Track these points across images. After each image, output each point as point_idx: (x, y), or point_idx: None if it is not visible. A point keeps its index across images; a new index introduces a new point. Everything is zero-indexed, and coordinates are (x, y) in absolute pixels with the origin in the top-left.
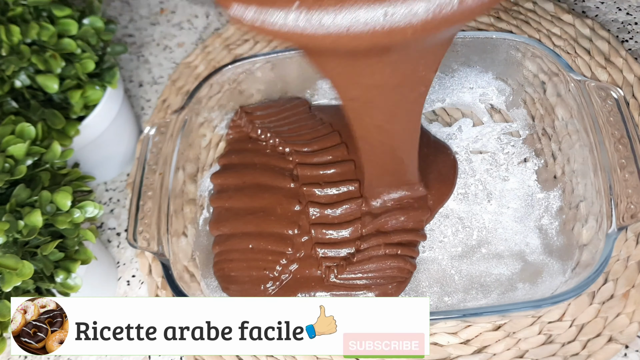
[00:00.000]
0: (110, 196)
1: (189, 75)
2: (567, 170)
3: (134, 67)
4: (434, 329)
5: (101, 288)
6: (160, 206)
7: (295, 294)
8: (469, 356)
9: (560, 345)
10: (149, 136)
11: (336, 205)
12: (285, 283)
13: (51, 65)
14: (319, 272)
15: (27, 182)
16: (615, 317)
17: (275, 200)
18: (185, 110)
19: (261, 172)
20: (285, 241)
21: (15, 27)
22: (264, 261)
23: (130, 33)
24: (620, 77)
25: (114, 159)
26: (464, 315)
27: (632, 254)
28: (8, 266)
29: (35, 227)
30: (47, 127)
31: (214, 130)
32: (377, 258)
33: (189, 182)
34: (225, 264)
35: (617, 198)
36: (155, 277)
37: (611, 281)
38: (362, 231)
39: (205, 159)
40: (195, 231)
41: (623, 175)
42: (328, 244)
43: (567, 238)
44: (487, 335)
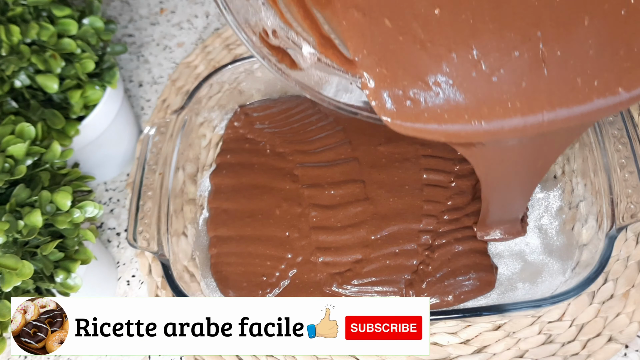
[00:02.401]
0: (110, 196)
1: (189, 75)
2: (567, 170)
3: (134, 67)
4: (434, 328)
5: (101, 288)
6: (160, 206)
7: None
8: (469, 356)
9: (560, 345)
10: (148, 136)
11: (339, 207)
12: (283, 289)
13: (51, 65)
14: (319, 278)
15: (27, 182)
16: (615, 317)
17: (274, 202)
18: (185, 110)
19: (260, 173)
20: (284, 245)
21: (15, 27)
22: (262, 266)
23: (130, 33)
24: None
25: (114, 159)
26: (464, 315)
27: (632, 254)
28: (8, 266)
29: (35, 227)
30: (47, 127)
31: (213, 130)
32: (386, 269)
33: (189, 182)
34: (223, 267)
35: (617, 198)
36: (155, 277)
37: (611, 281)
38: (371, 237)
39: (205, 159)
40: (195, 231)
41: (623, 175)
42: (329, 249)
43: (567, 238)
44: (487, 335)
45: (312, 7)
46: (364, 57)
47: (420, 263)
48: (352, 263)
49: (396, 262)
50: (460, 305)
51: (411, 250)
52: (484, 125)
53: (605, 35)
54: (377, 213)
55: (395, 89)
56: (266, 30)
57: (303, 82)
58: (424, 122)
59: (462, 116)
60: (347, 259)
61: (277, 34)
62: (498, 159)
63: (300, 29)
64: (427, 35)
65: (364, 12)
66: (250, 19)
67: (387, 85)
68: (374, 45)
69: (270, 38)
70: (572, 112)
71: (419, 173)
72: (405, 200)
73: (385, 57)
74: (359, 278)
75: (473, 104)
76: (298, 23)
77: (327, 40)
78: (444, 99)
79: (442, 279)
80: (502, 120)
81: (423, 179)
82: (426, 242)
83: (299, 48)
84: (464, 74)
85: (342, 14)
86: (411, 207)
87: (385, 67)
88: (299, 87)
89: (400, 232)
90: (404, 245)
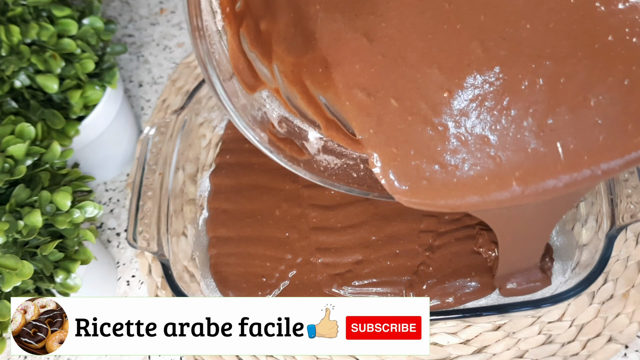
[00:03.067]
0: (110, 196)
1: (189, 75)
2: None
3: (134, 67)
4: (434, 329)
5: (101, 288)
6: (160, 206)
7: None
8: (469, 356)
9: (560, 345)
10: (148, 136)
11: (339, 207)
12: (283, 290)
13: (51, 65)
14: (319, 279)
15: (27, 182)
16: (615, 317)
17: (274, 202)
18: (185, 110)
19: (259, 173)
20: (283, 246)
21: (15, 27)
22: (261, 267)
23: (130, 33)
24: None
25: (113, 159)
26: (464, 315)
27: (631, 254)
28: (8, 266)
29: (35, 227)
30: (47, 127)
31: (213, 130)
32: (388, 269)
33: (189, 183)
34: (222, 267)
35: (617, 198)
36: (155, 277)
37: (611, 281)
38: (372, 237)
39: (205, 159)
40: (195, 231)
41: (623, 175)
42: (329, 250)
43: (566, 238)
44: (487, 335)
45: (314, 91)
46: (370, 137)
47: (420, 264)
48: (352, 264)
49: (397, 263)
50: (460, 306)
51: (412, 250)
52: (498, 196)
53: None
54: (377, 213)
55: (407, 167)
56: (272, 123)
57: (311, 169)
58: (439, 199)
59: (478, 190)
60: (348, 259)
61: (282, 125)
62: (515, 219)
63: (306, 116)
64: (437, 116)
65: (368, 92)
66: (256, 114)
67: (398, 164)
68: (381, 125)
69: (277, 130)
70: (578, 181)
71: None
72: None
73: (394, 136)
74: (359, 279)
75: (487, 179)
76: (303, 109)
77: (332, 123)
78: (457, 176)
79: (442, 281)
80: (517, 192)
81: None
82: (427, 242)
83: (306, 133)
84: (476, 153)
85: (345, 95)
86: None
87: (394, 146)
88: (309, 177)
89: (401, 232)
90: (405, 245)
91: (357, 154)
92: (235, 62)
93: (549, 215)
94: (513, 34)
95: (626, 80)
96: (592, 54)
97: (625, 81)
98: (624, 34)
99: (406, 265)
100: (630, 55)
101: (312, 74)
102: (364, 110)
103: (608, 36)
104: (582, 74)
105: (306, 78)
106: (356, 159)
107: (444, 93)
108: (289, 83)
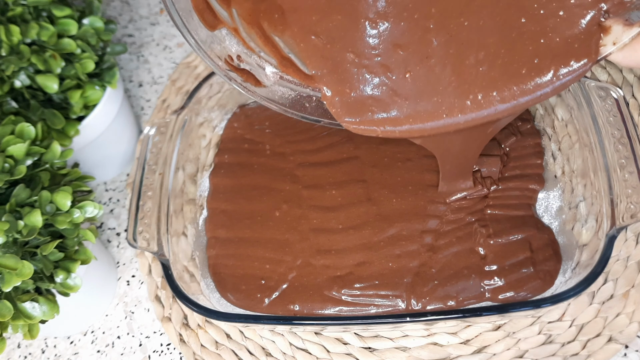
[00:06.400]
0: (110, 196)
1: (189, 75)
2: (567, 170)
3: (134, 67)
4: (434, 329)
5: (101, 288)
6: (160, 206)
7: (294, 304)
8: (469, 356)
9: (560, 345)
10: (148, 136)
11: (340, 208)
12: (282, 292)
13: (51, 65)
14: (319, 281)
15: (27, 182)
16: (615, 317)
17: (274, 203)
18: (185, 110)
19: (259, 174)
20: (283, 248)
21: (15, 27)
22: (261, 269)
23: (130, 33)
24: (620, 77)
25: (113, 159)
26: (464, 315)
27: (631, 254)
28: (8, 266)
29: (35, 227)
30: (47, 127)
31: (213, 130)
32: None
33: (189, 182)
34: (221, 269)
35: (617, 198)
36: (155, 277)
37: (611, 281)
38: (374, 239)
39: (205, 159)
40: (195, 231)
41: (623, 175)
42: (330, 251)
43: (567, 238)
44: (487, 335)
45: (271, 33)
46: (323, 75)
47: (422, 265)
48: (353, 266)
49: (398, 264)
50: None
51: (413, 251)
52: (428, 125)
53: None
54: (379, 214)
55: (355, 102)
56: (231, 55)
57: (268, 97)
58: (377, 125)
59: (407, 121)
60: (349, 261)
61: (241, 59)
62: (447, 143)
63: (262, 53)
64: (388, 69)
65: (324, 41)
66: (215, 47)
67: (347, 98)
68: (335, 68)
69: (235, 62)
70: (497, 110)
71: (421, 174)
72: (409, 201)
73: (346, 78)
74: (360, 281)
75: (415, 110)
76: (260, 48)
77: (287, 60)
78: (394, 107)
79: (443, 283)
80: (441, 120)
81: (426, 179)
82: (428, 242)
83: (262, 69)
84: (410, 87)
85: (300, 38)
86: (414, 207)
87: (347, 86)
88: (265, 102)
89: (402, 233)
90: (406, 246)
91: (309, 88)
92: (195, 2)
93: (473, 140)
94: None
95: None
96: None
97: (513, 33)
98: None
99: (407, 266)
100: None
101: (269, 18)
102: (319, 52)
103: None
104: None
105: (263, 21)
106: (309, 92)
107: (399, 51)
108: (247, 25)
